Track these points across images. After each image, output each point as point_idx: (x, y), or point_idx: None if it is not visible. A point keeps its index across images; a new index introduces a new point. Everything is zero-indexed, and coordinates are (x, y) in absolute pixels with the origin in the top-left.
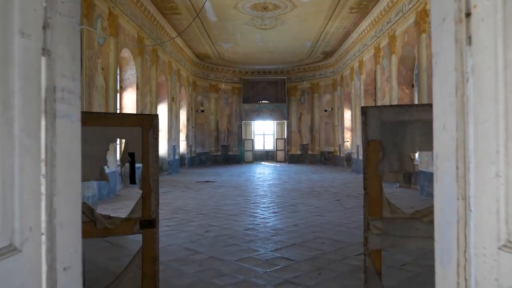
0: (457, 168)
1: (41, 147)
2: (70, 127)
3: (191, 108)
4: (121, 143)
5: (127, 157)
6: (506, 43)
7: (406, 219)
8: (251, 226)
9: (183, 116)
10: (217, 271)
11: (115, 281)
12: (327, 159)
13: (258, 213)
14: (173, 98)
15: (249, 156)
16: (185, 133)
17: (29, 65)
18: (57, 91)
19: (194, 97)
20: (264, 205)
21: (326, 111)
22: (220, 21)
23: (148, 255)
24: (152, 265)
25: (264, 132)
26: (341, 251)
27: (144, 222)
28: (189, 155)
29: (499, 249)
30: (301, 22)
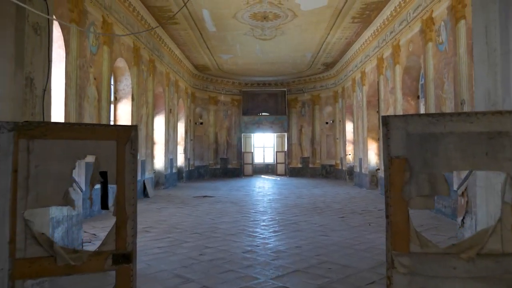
0: None
1: None
2: None
3: (190, 120)
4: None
5: (98, 177)
6: None
7: (439, 255)
8: (249, 248)
9: (181, 128)
10: None
11: None
12: (328, 173)
13: (257, 232)
14: (171, 110)
15: (248, 169)
16: (183, 146)
17: None
18: None
19: (192, 109)
20: (264, 223)
21: (327, 123)
22: (219, 31)
23: None
24: None
25: (264, 145)
26: (350, 279)
27: (118, 256)
28: (187, 169)
29: None
30: (302, 32)
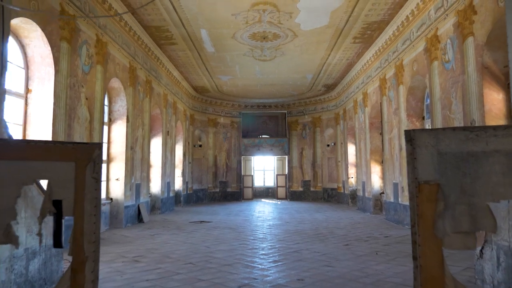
0: None
1: None
2: None
3: (188, 142)
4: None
5: (50, 207)
6: None
7: None
8: (246, 281)
9: (179, 151)
10: None
11: None
12: (330, 196)
13: (256, 262)
14: (168, 132)
15: (248, 193)
16: (181, 169)
17: None
18: None
19: (191, 131)
20: (263, 252)
21: (328, 146)
22: (218, 52)
23: None
24: None
25: (264, 168)
26: None
27: None
28: (185, 192)
29: None
30: (302, 52)
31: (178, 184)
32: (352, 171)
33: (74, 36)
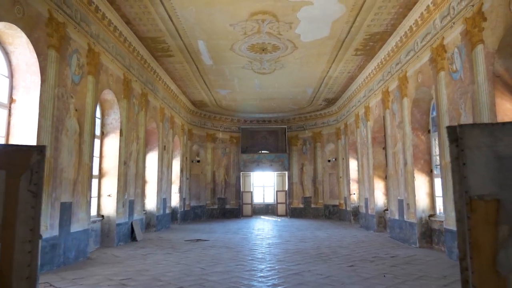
0: None
1: None
2: None
3: (186, 158)
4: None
5: None
6: None
7: None
8: None
9: (176, 166)
10: None
11: None
12: (331, 213)
13: (253, 286)
14: (165, 146)
15: (248, 209)
16: (178, 185)
17: None
18: None
19: (189, 146)
20: (261, 274)
21: (329, 161)
22: (216, 64)
23: None
24: None
25: (264, 184)
26: None
27: None
28: (182, 209)
29: None
30: (302, 65)
31: (175, 200)
32: (354, 187)
33: (63, 44)
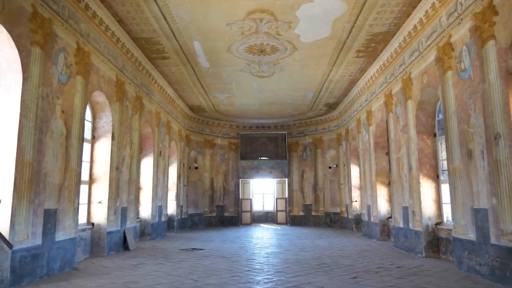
0: None
1: None
2: None
3: (183, 164)
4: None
5: None
6: None
7: None
8: None
9: (173, 173)
10: None
11: None
12: (333, 221)
13: None
14: (161, 152)
15: (247, 217)
16: (175, 191)
17: None
18: None
19: (187, 152)
20: (258, 287)
21: (330, 168)
22: (213, 67)
23: None
24: None
25: (263, 191)
26: None
27: None
28: (179, 217)
29: None
30: (302, 68)
31: (171, 208)
32: (355, 194)
33: (49, 41)
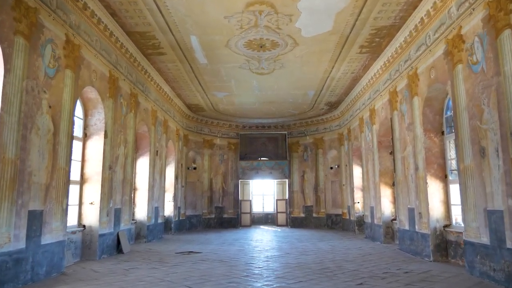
0: None
1: None
2: None
3: (181, 165)
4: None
5: None
6: None
7: None
8: None
9: (170, 173)
10: None
11: None
12: (334, 223)
13: None
14: (158, 152)
15: (246, 219)
16: (173, 192)
17: None
18: None
19: (185, 152)
20: None
21: (332, 168)
22: (211, 63)
23: None
24: None
25: (263, 192)
26: None
27: None
28: (176, 218)
29: None
30: (303, 64)
31: (169, 209)
32: (358, 196)
33: (34, 32)
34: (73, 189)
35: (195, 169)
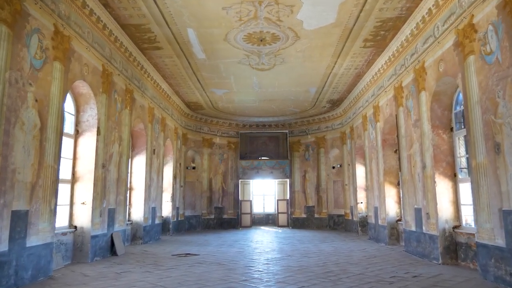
0: None
1: None
2: None
3: (180, 164)
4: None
5: None
6: None
7: None
8: None
9: (168, 172)
10: None
11: None
12: (336, 224)
13: None
14: (155, 150)
15: (247, 219)
16: (171, 192)
17: None
18: None
19: (184, 151)
20: None
21: (334, 168)
22: (209, 59)
23: None
24: None
25: (264, 192)
26: None
27: None
28: (175, 219)
29: None
30: (305, 60)
31: (167, 210)
32: (361, 196)
33: (19, 20)
34: (64, 188)
35: (194, 168)
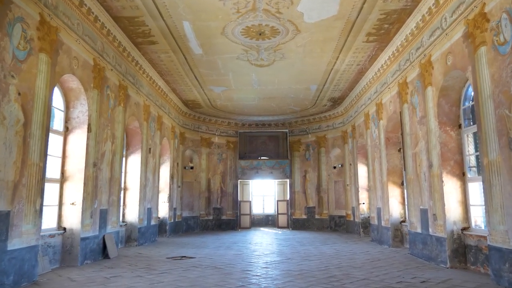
0: None
1: None
2: None
3: (177, 164)
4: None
5: None
6: None
7: None
8: None
9: (165, 172)
10: None
11: None
12: (338, 225)
13: None
14: (151, 149)
15: (246, 221)
16: (168, 193)
17: None
18: None
19: (181, 151)
20: None
21: (335, 168)
22: (206, 54)
23: None
24: None
25: (263, 193)
26: None
27: None
28: (172, 220)
29: None
30: (305, 55)
31: (163, 211)
32: (363, 196)
33: (0, 8)
34: (52, 188)
35: (192, 168)
